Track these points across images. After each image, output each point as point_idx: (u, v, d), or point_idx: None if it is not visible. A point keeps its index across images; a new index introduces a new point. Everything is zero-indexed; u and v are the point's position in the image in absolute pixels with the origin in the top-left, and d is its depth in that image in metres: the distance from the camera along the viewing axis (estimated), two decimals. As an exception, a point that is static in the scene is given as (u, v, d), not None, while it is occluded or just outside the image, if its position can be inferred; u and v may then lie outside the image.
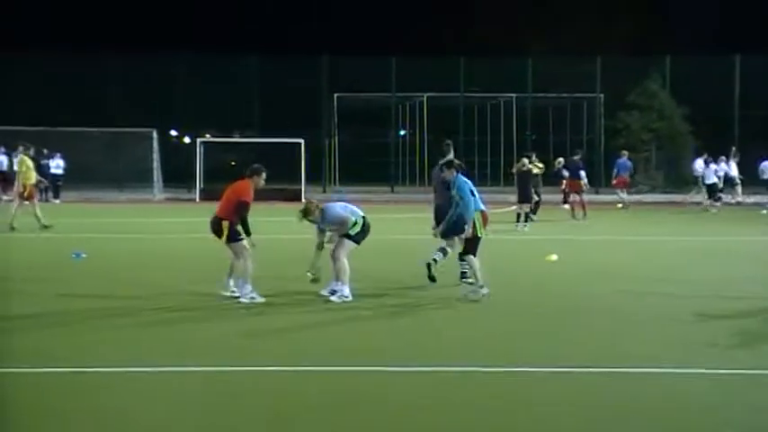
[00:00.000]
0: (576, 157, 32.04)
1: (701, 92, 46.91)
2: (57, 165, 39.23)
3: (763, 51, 45.67)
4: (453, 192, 13.52)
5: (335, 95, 49.14)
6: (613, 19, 60.32)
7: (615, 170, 37.31)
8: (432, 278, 14.31)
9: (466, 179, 13.76)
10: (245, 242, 13.01)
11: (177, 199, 42.07)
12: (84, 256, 17.54)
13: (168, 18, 62.52)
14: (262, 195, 15.52)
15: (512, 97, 50.93)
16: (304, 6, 67.02)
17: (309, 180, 42.74)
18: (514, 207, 26.62)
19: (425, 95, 50.25)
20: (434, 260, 14.47)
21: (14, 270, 15.84)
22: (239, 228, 12.98)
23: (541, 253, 18.32)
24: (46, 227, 23.09)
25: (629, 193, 38.21)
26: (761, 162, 38.73)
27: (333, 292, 13.07)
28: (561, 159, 32.58)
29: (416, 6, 64.64)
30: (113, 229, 24.54)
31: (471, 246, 13.34)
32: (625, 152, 38.61)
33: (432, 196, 15.62)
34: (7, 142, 40.63)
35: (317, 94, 49.56)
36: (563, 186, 32.02)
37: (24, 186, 23.87)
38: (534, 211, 27.62)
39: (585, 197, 30.97)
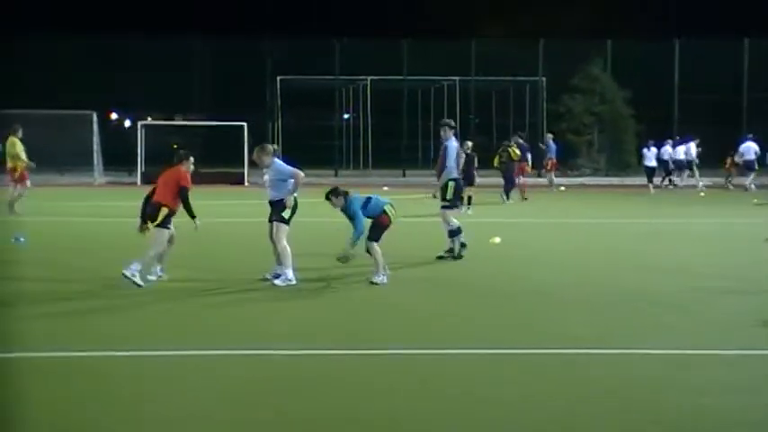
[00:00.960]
0: (520, 140, 32.51)
1: (642, 75, 47.41)
2: (-6, 148, 38.53)
3: (702, 34, 46.16)
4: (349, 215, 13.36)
5: (279, 78, 48.79)
6: (558, 3, 60.65)
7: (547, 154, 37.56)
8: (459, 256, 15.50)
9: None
10: (173, 229, 13.06)
11: (118, 183, 41.57)
12: (22, 240, 17.26)
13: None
14: (205, 179, 15.42)
15: (455, 80, 50.95)
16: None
17: (252, 163, 42.41)
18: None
19: (369, 78, 50.09)
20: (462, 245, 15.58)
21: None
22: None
23: (486, 236, 18.36)
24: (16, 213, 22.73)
25: (556, 175, 38.23)
26: (741, 143, 38.85)
27: (276, 276, 13.00)
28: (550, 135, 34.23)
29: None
30: (53, 212, 24.17)
31: (376, 232, 13.34)
32: (550, 134, 38.78)
33: None
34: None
35: (260, 77, 49.20)
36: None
37: (16, 168, 23.47)
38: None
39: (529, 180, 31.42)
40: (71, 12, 57.40)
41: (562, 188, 36.69)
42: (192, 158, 13.54)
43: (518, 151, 30.95)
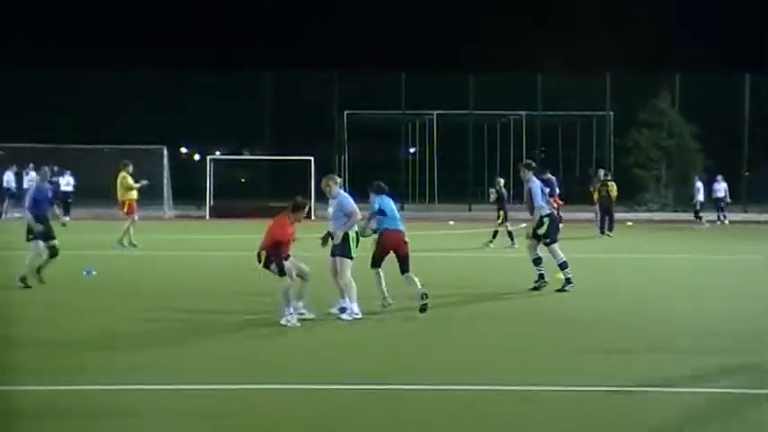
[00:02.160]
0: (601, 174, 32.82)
1: (710, 110, 46.95)
2: (67, 182, 39.26)
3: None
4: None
5: (346, 112, 49.18)
6: (624, 36, 60.31)
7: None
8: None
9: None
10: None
11: (187, 216, 42.11)
12: (94, 273, 17.58)
13: (180, 34, 62.77)
14: (271, 213, 15.64)
15: (521, 114, 50.91)
16: (315, 23, 67.26)
17: (319, 197, 42.71)
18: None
19: (435, 113, 50.27)
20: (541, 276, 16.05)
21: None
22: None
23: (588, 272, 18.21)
24: (134, 245, 23.17)
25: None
26: (713, 183, 38.74)
27: (342, 310, 13.07)
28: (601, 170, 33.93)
29: (427, 23, 64.83)
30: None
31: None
32: (602, 170, 37.19)
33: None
34: (18, 160, 40.90)
35: (327, 111, 49.62)
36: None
37: (124, 203, 24.04)
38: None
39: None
40: (144, 46, 58.59)
41: (629, 223, 36.32)
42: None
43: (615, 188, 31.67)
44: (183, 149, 55.82)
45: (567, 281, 15.93)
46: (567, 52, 58.94)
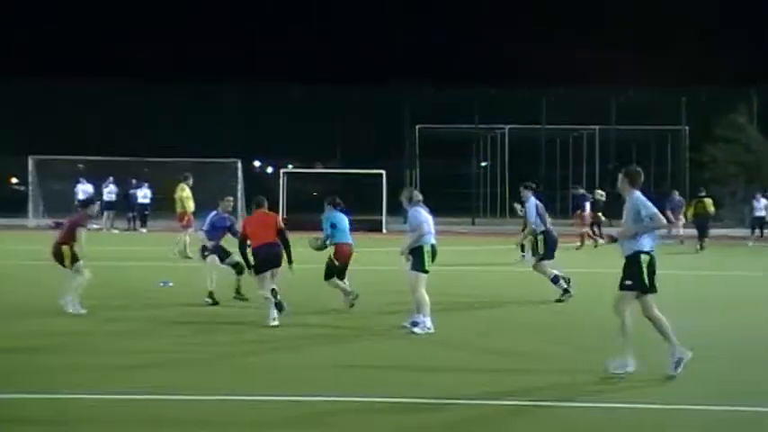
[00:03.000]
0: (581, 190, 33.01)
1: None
2: (144, 194, 39.92)
3: None
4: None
5: (417, 127, 49.34)
6: (704, 52, 59.63)
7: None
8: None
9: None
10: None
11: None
12: (170, 284, 17.87)
13: (255, 50, 63.55)
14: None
15: (594, 129, 50.58)
16: (386, 39, 67.58)
17: (391, 211, 42.88)
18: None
19: (507, 127, 50.19)
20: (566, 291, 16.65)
21: (107, 297, 16.15)
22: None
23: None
24: (188, 257, 23.50)
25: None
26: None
27: (414, 324, 13.13)
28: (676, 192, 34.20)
29: (499, 36, 64.75)
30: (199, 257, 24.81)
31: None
32: (675, 191, 36.41)
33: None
34: (97, 172, 41.80)
35: (399, 126, 49.82)
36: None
37: (182, 215, 24.53)
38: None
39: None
40: (219, 63, 59.37)
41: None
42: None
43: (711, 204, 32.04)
44: (257, 163, 56.42)
45: (565, 291, 16.68)
46: (642, 67, 58.48)
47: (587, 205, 31.98)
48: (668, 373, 9.95)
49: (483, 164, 54.47)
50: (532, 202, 17.65)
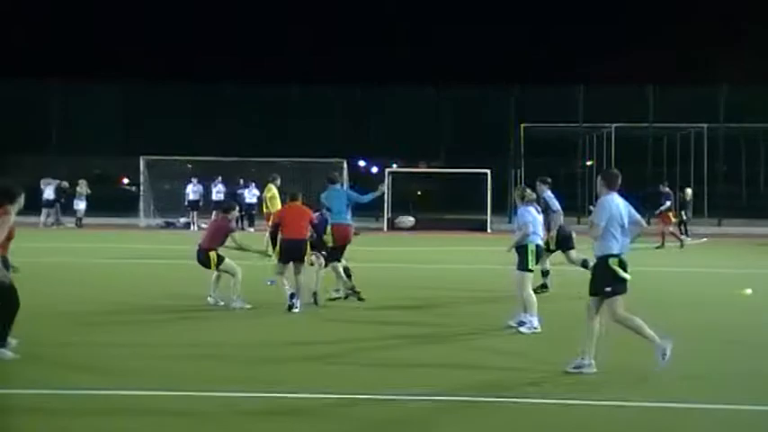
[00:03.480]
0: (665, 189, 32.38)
1: None
2: (251, 194, 40.68)
3: None
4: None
5: (522, 125, 49.19)
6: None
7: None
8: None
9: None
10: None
11: (366, 228, 42.94)
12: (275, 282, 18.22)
13: (361, 50, 64.10)
14: (447, 226, 16.11)
15: (702, 127, 49.73)
16: (492, 38, 67.48)
17: (495, 211, 42.89)
18: None
19: (613, 126, 49.66)
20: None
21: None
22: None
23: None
24: (268, 255, 23.93)
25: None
26: None
27: (521, 323, 13.24)
28: None
29: (605, 36, 64.15)
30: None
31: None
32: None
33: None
34: (203, 173, 42.76)
35: (503, 125, 49.73)
36: None
37: (269, 215, 25.00)
38: None
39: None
40: (326, 62, 60.08)
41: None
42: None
43: None
44: (362, 162, 56.92)
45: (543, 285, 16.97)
46: (754, 64, 57.24)
47: (668, 204, 31.39)
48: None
49: (588, 163, 53.95)
50: (549, 195, 17.59)
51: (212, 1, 68.74)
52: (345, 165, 44.20)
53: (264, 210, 25.23)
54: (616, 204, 10.42)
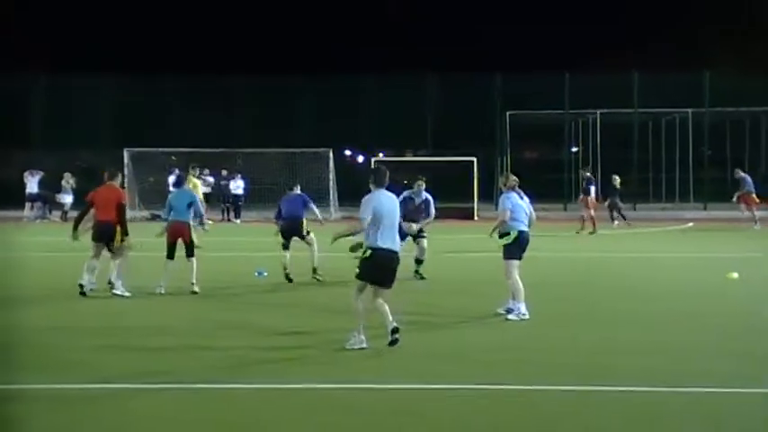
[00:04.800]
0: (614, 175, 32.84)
1: None
2: (237, 185, 40.54)
3: None
4: None
5: (507, 113, 49.19)
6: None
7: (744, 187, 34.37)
8: None
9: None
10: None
11: (352, 217, 42.93)
12: (265, 274, 18.24)
13: (340, 40, 63.94)
14: (435, 214, 16.14)
15: (687, 112, 49.81)
16: (475, 25, 67.40)
17: (483, 198, 42.92)
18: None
19: (598, 112, 49.69)
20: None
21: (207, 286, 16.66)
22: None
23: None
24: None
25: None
26: None
27: (509, 311, 13.25)
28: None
29: (590, 22, 64.10)
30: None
31: None
32: (738, 170, 36.06)
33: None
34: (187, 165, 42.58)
35: (489, 113, 49.73)
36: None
37: None
38: None
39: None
40: (311, 54, 59.91)
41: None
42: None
43: None
44: (348, 152, 56.85)
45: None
46: (738, 49, 57.29)
47: (592, 189, 31.62)
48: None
49: (574, 149, 54.02)
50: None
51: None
52: (331, 154, 44.16)
53: None
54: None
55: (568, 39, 62.47)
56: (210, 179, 41.28)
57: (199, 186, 25.63)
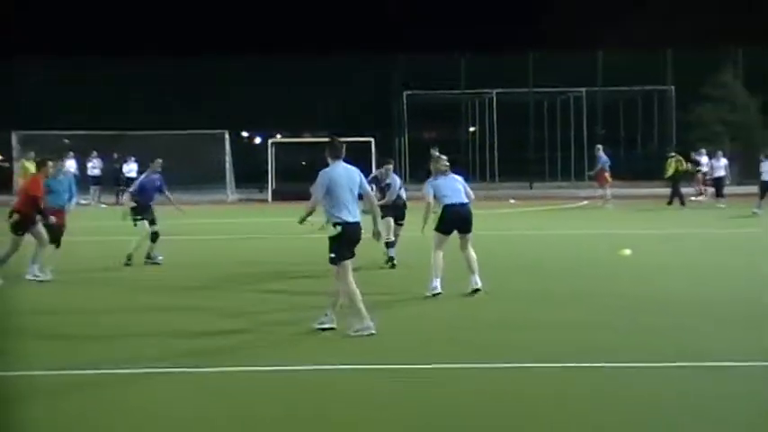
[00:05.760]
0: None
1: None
2: (130, 168, 39.68)
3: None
4: None
5: (405, 93, 49.25)
6: (685, 12, 59.34)
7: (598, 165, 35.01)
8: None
9: None
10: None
11: (249, 199, 42.56)
12: (160, 258, 17.81)
13: (235, 21, 63.13)
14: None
15: (581, 91, 50.54)
16: (372, 5, 67.18)
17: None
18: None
19: (495, 91, 50.10)
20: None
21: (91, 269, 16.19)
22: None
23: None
24: None
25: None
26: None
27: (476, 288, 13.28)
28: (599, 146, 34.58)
29: (485, 2, 64.46)
30: (187, 230, 24.76)
31: None
32: (599, 146, 36.54)
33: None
34: (83, 147, 41.56)
35: (386, 93, 49.74)
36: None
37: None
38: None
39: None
40: (203, 34, 58.98)
41: (691, 198, 35.91)
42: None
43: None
44: (245, 133, 56.29)
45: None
46: (627, 28, 58.19)
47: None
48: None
49: (471, 129, 54.40)
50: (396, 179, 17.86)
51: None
52: (227, 136, 43.65)
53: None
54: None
55: (465, 19, 62.77)
56: (97, 161, 40.41)
57: (29, 170, 25.50)
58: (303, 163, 45.79)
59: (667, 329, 10.84)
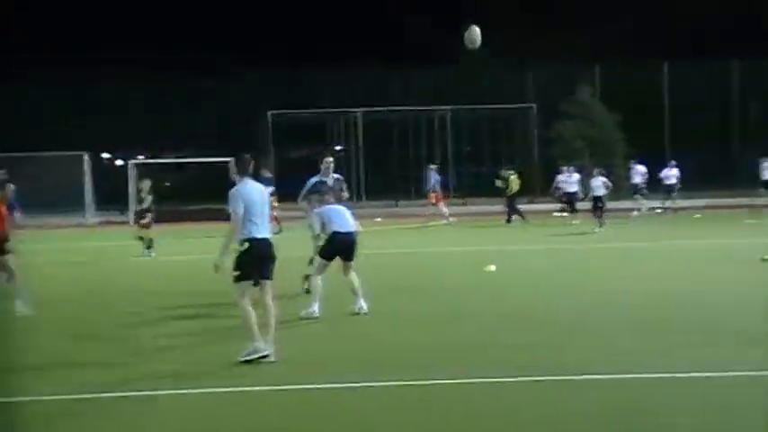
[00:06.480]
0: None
1: (631, 99, 47.68)
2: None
3: (687, 57, 46.73)
4: None
5: (269, 113, 48.87)
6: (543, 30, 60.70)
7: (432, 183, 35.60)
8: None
9: None
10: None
11: (110, 222, 41.43)
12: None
13: (95, 39, 61.77)
14: (194, 216, 15.43)
15: (446, 110, 51.04)
16: (234, 24, 66.63)
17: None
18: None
19: (359, 110, 50.17)
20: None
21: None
22: None
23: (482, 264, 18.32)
24: None
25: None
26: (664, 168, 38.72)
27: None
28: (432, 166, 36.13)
29: (346, 20, 64.54)
30: (48, 254, 23.92)
31: None
32: (433, 165, 37.31)
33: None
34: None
35: (251, 113, 49.31)
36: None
37: None
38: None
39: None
40: (57, 54, 57.48)
41: (555, 213, 36.53)
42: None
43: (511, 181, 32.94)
44: (105, 155, 55.00)
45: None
46: (489, 46, 59.02)
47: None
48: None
49: (337, 148, 54.37)
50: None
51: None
52: (86, 158, 42.54)
53: None
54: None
55: (324, 38, 62.76)
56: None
57: None
58: (167, 184, 45.08)
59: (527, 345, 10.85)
